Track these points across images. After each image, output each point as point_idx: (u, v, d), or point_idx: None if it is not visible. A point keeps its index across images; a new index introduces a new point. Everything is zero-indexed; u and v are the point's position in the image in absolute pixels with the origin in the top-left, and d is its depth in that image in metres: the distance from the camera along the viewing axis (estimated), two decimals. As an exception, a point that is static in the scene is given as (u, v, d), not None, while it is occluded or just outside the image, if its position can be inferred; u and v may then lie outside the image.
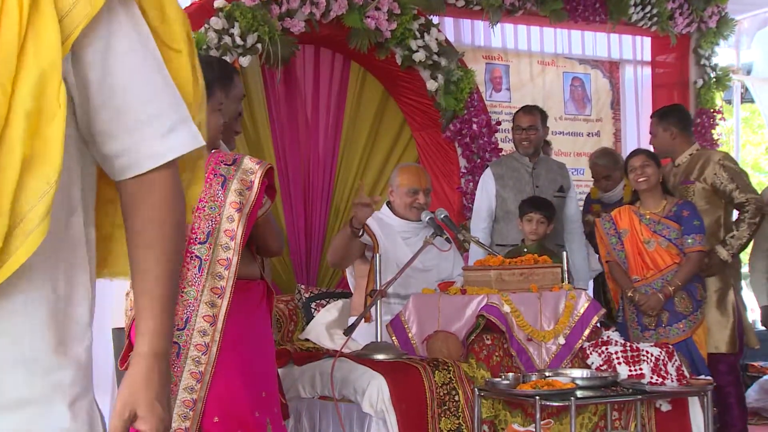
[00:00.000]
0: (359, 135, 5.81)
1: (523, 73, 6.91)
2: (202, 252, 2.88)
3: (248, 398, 2.89)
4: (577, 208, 5.53)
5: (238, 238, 2.88)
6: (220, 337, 2.85)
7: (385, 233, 4.38)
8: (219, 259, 2.88)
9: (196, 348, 2.83)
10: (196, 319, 2.85)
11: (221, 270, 2.88)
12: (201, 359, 2.83)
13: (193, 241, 2.89)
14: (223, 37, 4.88)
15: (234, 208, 2.89)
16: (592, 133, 7.21)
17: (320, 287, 5.32)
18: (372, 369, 3.69)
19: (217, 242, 2.88)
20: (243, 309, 2.94)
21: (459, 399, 3.67)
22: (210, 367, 2.84)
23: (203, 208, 2.90)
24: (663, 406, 4.05)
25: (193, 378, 2.83)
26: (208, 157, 2.97)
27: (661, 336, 4.64)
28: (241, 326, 2.93)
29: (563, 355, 3.96)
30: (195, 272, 2.88)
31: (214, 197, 2.90)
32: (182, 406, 2.80)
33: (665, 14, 6.89)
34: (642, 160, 4.78)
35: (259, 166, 2.94)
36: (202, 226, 2.90)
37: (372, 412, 3.59)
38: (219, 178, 2.91)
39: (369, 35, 5.42)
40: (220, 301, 2.87)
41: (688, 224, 4.70)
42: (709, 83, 7.13)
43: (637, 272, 4.79)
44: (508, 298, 3.92)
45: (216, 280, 2.87)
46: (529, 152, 5.31)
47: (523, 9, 6.34)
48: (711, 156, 5.07)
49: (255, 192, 2.92)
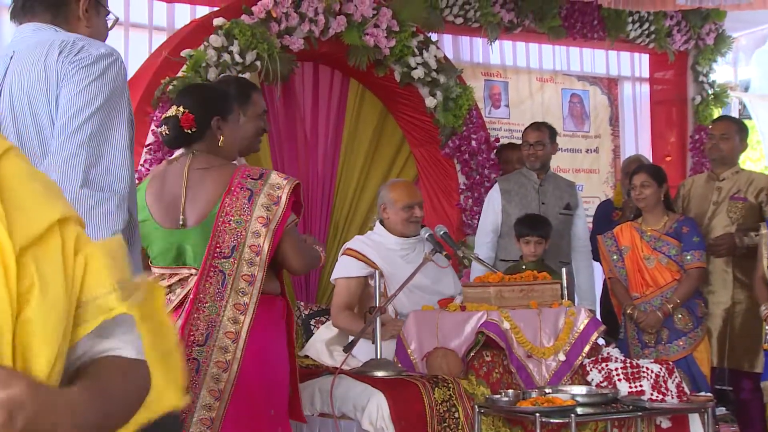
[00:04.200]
0: (358, 152, 5.81)
1: (522, 90, 6.93)
2: (226, 267, 2.82)
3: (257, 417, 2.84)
4: (584, 227, 5.49)
5: (264, 253, 2.83)
6: (241, 355, 2.77)
7: (382, 256, 4.38)
8: (243, 274, 2.82)
9: (217, 365, 2.76)
10: (217, 335, 2.77)
11: (244, 286, 2.81)
12: (221, 377, 2.76)
13: (218, 256, 2.83)
14: (222, 55, 4.89)
15: (261, 223, 2.85)
16: (591, 149, 7.22)
17: (319, 304, 5.31)
18: (372, 386, 3.68)
19: (242, 257, 2.82)
20: (263, 325, 2.87)
21: (459, 416, 3.66)
22: (230, 386, 2.76)
23: (229, 222, 2.84)
24: (663, 423, 4.03)
25: (211, 396, 2.75)
26: (234, 170, 2.95)
27: (660, 353, 4.63)
28: (259, 342, 2.86)
29: (563, 371, 3.95)
30: (218, 287, 2.81)
31: (241, 211, 2.85)
32: (199, 425, 2.72)
33: (663, 31, 6.92)
34: (642, 179, 4.79)
35: (286, 182, 2.91)
36: (227, 240, 2.83)
37: (372, 429, 3.58)
38: (246, 192, 2.87)
39: (368, 52, 5.44)
40: (243, 318, 2.80)
41: (688, 241, 4.70)
42: (707, 100, 7.16)
43: (637, 289, 4.79)
44: (508, 315, 3.91)
45: (239, 296, 2.81)
46: (536, 167, 5.30)
47: (521, 26, 6.37)
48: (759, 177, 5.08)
49: (282, 207, 2.88)
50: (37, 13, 2.26)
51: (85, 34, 2.26)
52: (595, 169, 7.22)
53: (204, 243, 2.84)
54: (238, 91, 3.31)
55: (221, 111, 3.04)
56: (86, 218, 2.00)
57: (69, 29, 2.26)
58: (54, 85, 2.12)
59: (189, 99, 3.04)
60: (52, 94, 2.12)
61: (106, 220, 2.05)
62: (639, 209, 4.91)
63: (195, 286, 2.81)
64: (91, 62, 2.11)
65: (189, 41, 4.90)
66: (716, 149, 5.05)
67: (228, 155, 3.08)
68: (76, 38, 2.17)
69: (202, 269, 2.82)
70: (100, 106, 2.09)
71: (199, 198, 2.92)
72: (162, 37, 5.26)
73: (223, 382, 2.76)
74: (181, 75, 4.75)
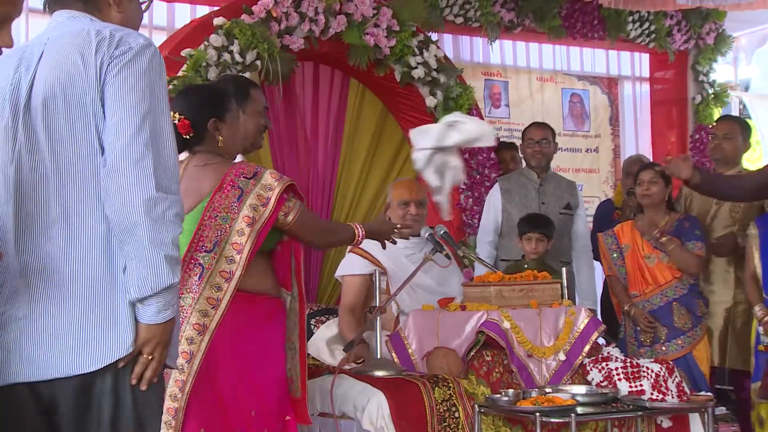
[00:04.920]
0: (358, 151, 5.81)
1: (522, 90, 6.93)
2: (206, 260, 2.86)
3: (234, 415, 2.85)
4: (585, 226, 5.48)
5: (245, 252, 2.85)
6: (206, 348, 2.80)
7: (387, 254, 4.37)
8: (221, 270, 2.85)
9: (182, 355, 2.78)
10: (185, 326, 2.80)
11: (221, 281, 2.85)
12: (184, 367, 2.79)
13: (199, 249, 2.87)
14: (223, 55, 4.89)
15: (246, 223, 2.88)
16: (591, 149, 7.22)
17: (320, 303, 5.31)
18: (372, 385, 3.68)
19: (223, 253, 2.85)
20: (241, 322, 2.88)
21: (459, 415, 3.66)
22: (191, 377, 2.78)
23: (215, 218, 2.88)
24: (664, 423, 4.02)
25: (176, 386, 2.79)
26: (229, 167, 2.97)
27: (658, 353, 4.63)
28: (237, 340, 2.87)
29: (563, 371, 3.95)
30: (195, 279, 2.85)
31: (229, 208, 2.89)
32: (166, 413, 2.75)
33: (663, 31, 6.92)
34: (651, 176, 4.78)
35: (278, 183, 2.93)
36: (210, 235, 2.87)
37: (372, 428, 3.58)
38: (236, 191, 2.90)
39: (368, 52, 5.44)
40: (214, 312, 2.83)
41: (689, 233, 4.71)
42: (708, 99, 7.16)
43: (636, 288, 4.79)
44: (508, 315, 3.91)
45: (213, 291, 2.84)
46: (541, 164, 5.31)
47: (521, 26, 6.37)
48: None
49: (270, 209, 2.90)
50: (68, 1, 2.19)
51: (117, 21, 2.18)
52: (595, 169, 7.23)
53: (188, 234, 2.86)
54: (236, 89, 3.30)
55: (217, 112, 3.05)
56: (161, 222, 1.96)
57: (101, 17, 2.18)
58: (94, 80, 2.02)
59: (184, 103, 3.05)
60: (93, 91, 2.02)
61: (176, 223, 2.00)
62: (640, 208, 4.90)
63: None
64: (133, 56, 2.02)
65: (189, 41, 4.90)
66: (719, 149, 5.04)
67: (230, 154, 3.10)
68: (113, 29, 2.07)
69: (182, 260, 2.80)
70: (150, 102, 2.02)
71: (190, 191, 2.93)
72: (162, 37, 5.26)
73: (185, 373, 2.78)
74: (181, 75, 4.76)
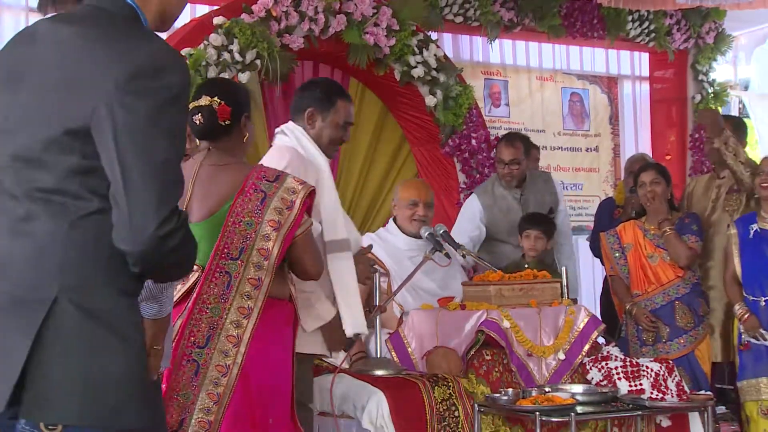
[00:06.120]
0: (358, 150, 5.81)
1: (522, 89, 6.92)
2: (233, 268, 2.76)
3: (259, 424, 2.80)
4: (565, 220, 5.43)
5: (273, 258, 2.76)
6: (242, 360, 2.73)
7: (390, 254, 4.38)
8: (249, 277, 2.76)
9: (217, 369, 2.71)
10: (218, 339, 2.73)
11: (250, 290, 2.76)
12: (220, 381, 2.72)
13: (225, 257, 2.76)
14: (222, 54, 4.89)
15: (271, 227, 2.78)
16: (591, 148, 7.22)
17: (319, 303, 5.30)
18: (371, 385, 3.68)
19: (250, 260, 2.76)
20: (265, 329, 2.81)
21: (459, 415, 3.66)
22: (229, 390, 2.72)
23: (239, 223, 2.78)
24: (663, 422, 4.03)
25: (210, 399, 2.71)
26: (250, 170, 2.91)
27: (660, 351, 4.63)
28: (262, 346, 2.81)
29: (563, 370, 3.95)
30: (223, 289, 2.75)
31: (252, 213, 2.79)
32: (197, 427, 2.69)
33: (663, 30, 6.92)
34: (652, 177, 4.78)
35: (302, 187, 2.85)
36: (235, 241, 2.77)
37: (372, 428, 3.58)
38: (259, 194, 2.81)
39: (368, 51, 5.44)
40: (246, 322, 2.74)
41: (687, 228, 4.72)
42: (707, 98, 7.16)
43: (638, 287, 4.80)
44: (508, 314, 3.91)
45: (244, 300, 2.75)
46: (512, 186, 5.16)
47: (521, 25, 6.37)
48: None
49: (295, 213, 2.81)
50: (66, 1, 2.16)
51: None
52: (594, 168, 7.22)
53: (209, 240, 2.79)
54: (323, 94, 3.20)
55: (248, 108, 3.01)
56: None
57: None
58: None
59: (221, 91, 2.95)
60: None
61: None
62: (642, 207, 4.90)
63: (199, 286, 2.76)
64: None
65: (189, 40, 4.90)
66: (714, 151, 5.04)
67: (243, 154, 3.04)
68: None
69: (207, 269, 2.77)
70: None
71: (210, 194, 2.88)
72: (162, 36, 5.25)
73: (222, 387, 2.72)
74: (180, 74, 4.75)
